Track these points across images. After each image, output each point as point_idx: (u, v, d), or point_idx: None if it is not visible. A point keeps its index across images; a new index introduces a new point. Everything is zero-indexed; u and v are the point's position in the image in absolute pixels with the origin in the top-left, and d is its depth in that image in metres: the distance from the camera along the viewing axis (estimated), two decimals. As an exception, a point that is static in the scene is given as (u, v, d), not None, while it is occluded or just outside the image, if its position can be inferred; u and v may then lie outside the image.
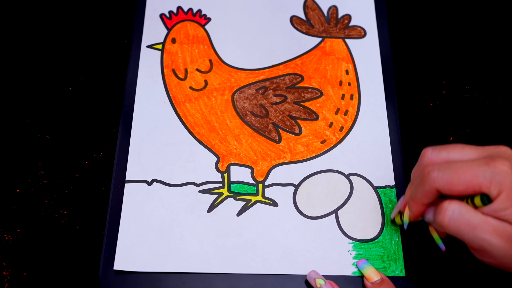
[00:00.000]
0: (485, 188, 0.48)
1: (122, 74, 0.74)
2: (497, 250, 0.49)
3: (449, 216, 0.50)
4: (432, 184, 0.51)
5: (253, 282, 0.61)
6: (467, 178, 0.49)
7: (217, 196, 0.65)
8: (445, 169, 0.50)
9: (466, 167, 0.50)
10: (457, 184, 0.49)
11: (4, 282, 0.62)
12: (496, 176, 0.48)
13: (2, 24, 0.78)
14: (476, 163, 0.50)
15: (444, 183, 0.50)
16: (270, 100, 0.70)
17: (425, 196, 0.52)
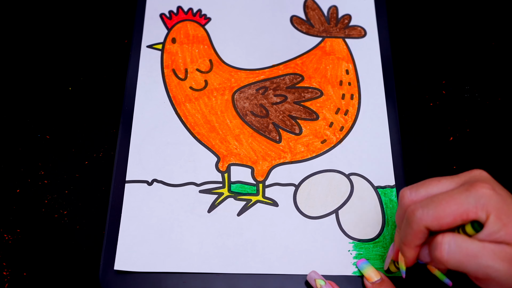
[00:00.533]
0: (473, 214, 0.48)
1: (122, 74, 0.74)
2: (502, 275, 0.48)
3: (446, 250, 0.49)
4: (419, 223, 0.50)
5: (253, 282, 0.61)
6: (452, 208, 0.49)
7: (217, 196, 0.65)
8: (428, 205, 0.50)
9: (449, 198, 0.49)
10: (444, 217, 0.49)
11: (4, 282, 0.62)
12: (480, 199, 0.48)
13: (2, 24, 0.78)
14: (457, 192, 0.49)
15: (431, 219, 0.49)
16: (270, 100, 0.71)
17: (416, 237, 0.51)
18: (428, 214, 0.49)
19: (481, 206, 0.48)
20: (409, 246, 0.52)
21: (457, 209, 0.48)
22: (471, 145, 0.70)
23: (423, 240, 0.51)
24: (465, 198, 0.48)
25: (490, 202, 0.48)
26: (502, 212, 0.48)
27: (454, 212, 0.48)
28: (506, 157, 0.69)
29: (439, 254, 0.49)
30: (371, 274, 0.60)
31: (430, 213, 0.49)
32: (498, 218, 0.47)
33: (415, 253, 0.53)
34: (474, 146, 0.70)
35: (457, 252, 0.48)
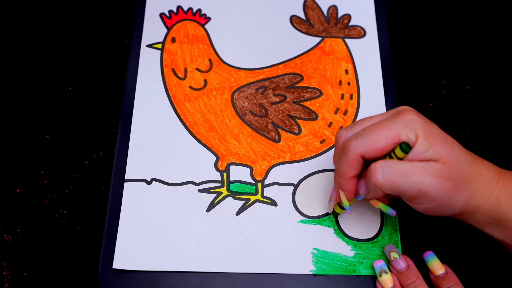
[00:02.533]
0: (404, 137, 0.52)
1: (122, 74, 0.74)
2: (432, 188, 0.51)
3: (380, 173, 0.52)
4: (354, 151, 0.53)
5: (252, 281, 0.61)
6: (384, 133, 0.52)
7: (216, 195, 0.65)
8: (362, 135, 0.53)
9: (380, 125, 0.53)
10: (377, 142, 0.52)
11: (4, 282, 0.62)
12: (408, 123, 0.52)
13: (2, 24, 0.78)
14: (387, 120, 0.54)
15: (366, 146, 0.53)
16: (270, 99, 0.71)
17: (351, 166, 0.54)
18: (362, 142, 0.53)
19: (410, 129, 0.52)
20: (346, 178, 0.55)
21: (388, 134, 0.52)
22: (471, 145, 0.70)
23: (358, 170, 0.55)
24: (395, 124, 0.53)
25: (417, 125, 0.52)
26: (428, 133, 0.52)
27: (386, 136, 0.52)
28: (506, 157, 0.69)
29: (374, 178, 0.52)
30: (435, 267, 0.60)
31: (364, 141, 0.53)
32: (425, 139, 0.52)
33: (352, 185, 0.56)
34: (474, 146, 0.70)
35: (390, 174, 0.52)
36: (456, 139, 0.69)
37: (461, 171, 0.53)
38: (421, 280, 0.59)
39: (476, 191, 0.53)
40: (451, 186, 0.52)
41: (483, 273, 0.63)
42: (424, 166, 0.52)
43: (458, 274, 0.62)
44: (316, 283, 0.61)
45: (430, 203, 0.53)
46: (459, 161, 0.53)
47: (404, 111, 0.54)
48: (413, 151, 0.52)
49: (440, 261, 0.61)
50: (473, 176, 0.54)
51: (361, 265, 0.61)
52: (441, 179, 0.51)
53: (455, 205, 0.53)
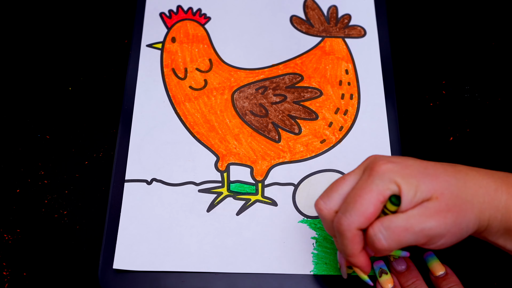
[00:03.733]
0: (387, 192, 0.50)
1: (122, 74, 0.74)
2: (437, 228, 0.49)
3: (382, 239, 0.50)
4: (350, 229, 0.51)
5: (252, 282, 0.61)
6: (368, 198, 0.50)
7: (216, 195, 0.65)
8: (347, 208, 0.51)
9: (360, 191, 0.51)
10: (366, 210, 0.50)
11: (4, 282, 0.62)
12: (384, 176, 0.50)
13: (2, 24, 0.78)
14: (363, 182, 0.51)
15: (358, 219, 0.50)
16: (270, 99, 0.71)
17: (355, 243, 0.52)
18: (352, 216, 0.50)
19: (388, 182, 0.50)
20: (355, 256, 0.53)
21: (372, 197, 0.50)
22: (471, 145, 0.70)
23: (362, 242, 0.52)
24: (372, 183, 0.50)
25: (393, 174, 0.50)
26: (408, 176, 0.50)
27: (371, 200, 0.50)
28: (506, 157, 0.69)
29: (379, 245, 0.50)
30: (436, 267, 0.60)
31: (353, 214, 0.50)
32: (408, 183, 0.49)
33: (364, 258, 0.53)
34: (474, 146, 0.70)
35: (391, 235, 0.49)
36: (456, 139, 0.70)
37: (458, 195, 0.50)
38: (421, 281, 0.59)
39: (482, 204, 0.51)
40: (455, 215, 0.49)
41: (483, 273, 0.63)
42: (419, 212, 0.49)
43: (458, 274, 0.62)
44: (316, 283, 0.61)
45: (442, 239, 0.50)
46: (450, 187, 0.50)
47: (375, 164, 0.51)
48: (402, 201, 0.50)
49: (441, 262, 0.60)
50: (473, 192, 0.51)
51: (362, 265, 0.61)
52: (442, 214, 0.49)
53: (467, 228, 0.50)
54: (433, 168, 0.52)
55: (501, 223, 0.51)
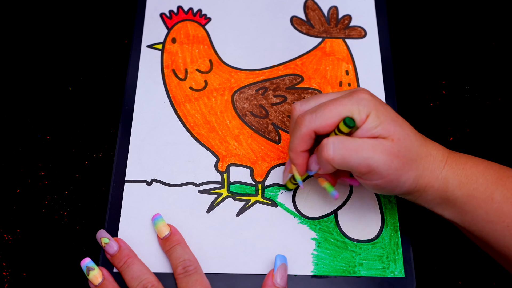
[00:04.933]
0: (356, 114, 0.53)
1: (122, 74, 0.74)
2: (381, 164, 0.53)
3: (331, 149, 0.53)
4: (308, 125, 0.55)
5: (252, 282, 0.61)
6: (338, 109, 0.54)
7: (216, 196, 0.65)
8: (317, 110, 0.55)
9: (335, 102, 0.55)
10: (330, 117, 0.54)
11: (4, 282, 0.62)
12: (361, 101, 0.54)
13: (2, 24, 0.78)
14: (342, 97, 0.55)
15: (319, 121, 0.54)
16: (270, 100, 0.70)
17: (303, 140, 0.56)
18: (316, 117, 0.54)
19: (362, 106, 0.54)
20: (297, 152, 0.57)
21: (341, 110, 0.54)
22: (471, 145, 0.70)
23: (310, 145, 0.56)
24: (349, 101, 0.54)
25: (370, 103, 0.54)
26: (380, 111, 0.54)
27: (339, 112, 0.54)
28: (506, 157, 0.69)
29: (326, 153, 0.53)
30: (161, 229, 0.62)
31: (318, 116, 0.54)
32: (376, 116, 0.54)
33: (303, 159, 0.57)
34: (474, 146, 0.70)
35: (341, 149, 0.53)
36: (456, 139, 0.70)
37: (410, 150, 0.54)
38: (133, 258, 0.60)
39: (425, 170, 0.55)
40: (400, 163, 0.53)
41: (483, 273, 0.63)
42: (373, 143, 0.53)
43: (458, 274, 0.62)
44: (316, 284, 0.61)
45: (379, 180, 0.54)
46: (408, 139, 0.54)
47: (359, 90, 0.56)
48: (363, 127, 0.53)
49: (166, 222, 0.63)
50: (422, 155, 0.55)
51: (361, 266, 0.61)
52: (390, 156, 0.53)
53: (403, 183, 0.54)
54: (402, 120, 0.56)
55: (437, 192, 0.55)
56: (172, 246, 0.61)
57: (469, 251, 0.63)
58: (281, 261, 0.60)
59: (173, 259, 0.60)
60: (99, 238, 0.61)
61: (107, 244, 0.61)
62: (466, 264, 0.64)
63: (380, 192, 0.56)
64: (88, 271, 0.60)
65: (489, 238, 0.55)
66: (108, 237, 0.61)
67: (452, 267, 0.63)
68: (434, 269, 0.63)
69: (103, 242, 0.61)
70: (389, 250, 0.62)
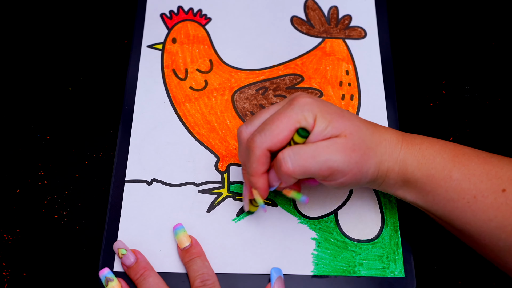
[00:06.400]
0: (303, 121, 0.53)
1: (122, 74, 0.74)
2: (341, 163, 0.53)
3: (289, 162, 0.53)
4: (260, 146, 0.54)
5: (252, 282, 0.61)
6: (284, 122, 0.53)
7: (216, 196, 0.65)
8: (264, 129, 0.54)
9: (279, 116, 0.54)
10: (279, 133, 0.53)
11: (4, 282, 0.62)
12: (304, 107, 0.54)
13: (2, 24, 0.78)
14: (284, 109, 0.55)
15: (270, 139, 0.53)
16: (270, 100, 0.71)
17: (260, 162, 0.55)
18: (266, 136, 0.54)
19: (307, 112, 0.53)
20: (256, 175, 0.56)
21: (288, 121, 0.53)
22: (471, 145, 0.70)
23: (267, 165, 0.55)
24: (292, 110, 0.54)
25: (313, 106, 0.54)
26: (325, 111, 0.54)
27: (287, 125, 0.53)
28: (506, 158, 0.69)
29: (285, 167, 0.53)
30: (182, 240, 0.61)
31: (267, 134, 0.53)
32: (323, 117, 0.53)
33: (264, 181, 0.56)
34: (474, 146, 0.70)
35: (298, 160, 0.53)
36: (456, 139, 0.70)
37: (364, 140, 0.54)
38: (149, 271, 0.60)
39: (383, 155, 0.55)
40: (358, 155, 0.53)
41: (483, 273, 0.63)
42: (328, 144, 0.53)
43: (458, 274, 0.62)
44: (316, 284, 0.61)
45: (343, 177, 0.54)
46: (360, 131, 0.54)
47: (298, 96, 0.55)
48: (314, 132, 0.53)
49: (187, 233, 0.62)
50: (377, 142, 0.55)
51: (361, 266, 0.61)
52: (347, 152, 0.53)
53: (366, 173, 0.55)
54: (348, 113, 0.56)
55: (398, 175, 0.56)
56: (192, 258, 0.60)
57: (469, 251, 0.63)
58: (277, 274, 0.60)
59: (192, 271, 0.60)
60: (116, 249, 0.61)
61: (124, 255, 0.60)
62: (466, 264, 0.64)
63: (346, 188, 0.57)
64: (107, 282, 0.59)
65: (450, 217, 0.55)
66: (126, 248, 0.61)
67: (452, 267, 0.63)
68: (434, 269, 0.63)
69: (120, 253, 0.60)
70: (389, 250, 0.62)
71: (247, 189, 0.60)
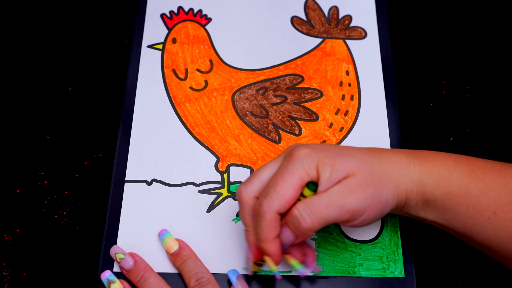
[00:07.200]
0: (306, 176, 0.52)
1: (122, 74, 0.74)
2: (358, 202, 0.51)
3: (307, 218, 0.51)
4: (269, 211, 0.52)
5: (252, 282, 0.60)
6: (288, 182, 0.52)
7: (216, 196, 0.65)
8: (268, 192, 0.52)
9: (280, 175, 0.52)
10: (286, 193, 0.52)
11: (4, 282, 0.62)
12: (304, 160, 0.52)
13: (2, 24, 0.78)
14: (283, 167, 0.53)
15: (278, 202, 0.52)
16: (270, 100, 0.70)
17: (271, 227, 0.53)
18: (272, 199, 0.52)
19: (307, 165, 0.52)
20: (269, 241, 0.53)
21: (292, 180, 0.52)
22: (471, 145, 0.70)
23: (278, 228, 0.53)
24: (292, 167, 0.52)
25: (311, 156, 0.52)
26: (325, 157, 0.52)
27: (291, 184, 0.52)
28: (506, 157, 0.69)
29: (304, 223, 0.51)
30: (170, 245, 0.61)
31: (274, 197, 0.52)
32: (325, 164, 0.52)
33: (277, 246, 0.54)
34: (474, 146, 0.70)
35: (315, 213, 0.51)
36: (456, 139, 0.70)
37: (374, 171, 0.53)
38: (149, 272, 0.60)
39: (399, 178, 0.54)
40: (373, 188, 0.52)
41: (483, 273, 0.63)
42: (339, 189, 0.52)
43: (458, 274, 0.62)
44: (316, 284, 0.61)
45: (363, 214, 0.52)
46: (366, 164, 0.53)
47: (294, 149, 0.54)
48: (321, 181, 0.52)
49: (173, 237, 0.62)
50: (387, 168, 0.54)
51: (361, 267, 0.61)
52: (361, 189, 0.52)
53: (386, 202, 0.53)
54: (348, 149, 0.55)
55: (418, 195, 0.54)
56: (183, 261, 0.60)
57: (469, 251, 0.63)
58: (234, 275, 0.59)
59: (186, 273, 0.59)
60: (113, 254, 0.61)
61: (122, 259, 0.60)
62: (466, 264, 0.64)
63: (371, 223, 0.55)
64: (109, 284, 0.59)
65: (472, 233, 0.54)
66: (123, 252, 0.61)
67: (452, 267, 0.63)
68: (434, 270, 0.63)
69: (118, 257, 0.60)
70: (389, 251, 0.62)
71: (250, 252, 0.58)
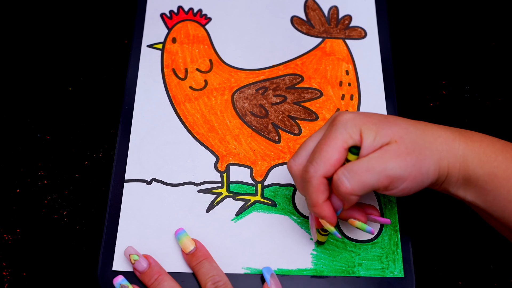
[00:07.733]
0: (350, 140, 0.53)
1: (122, 74, 0.74)
2: (398, 169, 0.51)
3: (346, 181, 0.52)
4: (315, 175, 0.53)
5: (251, 282, 0.61)
6: (332, 146, 0.53)
7: (216, 196, 0.65)
8: (314, 157, 0.53)
9: (325, 140, 0.53)
10: (331, 157, 0.52)
11: (4, 282, 0.62)
12: (347, 124, 0.53)
13: (2, 24, 0.78)
14: (327, 132, 0.54)
15: (324, 166, 0.53)
16: (270, 100, 0.71)
17: (319, 191, 0.54)
18: (318, 164, 0.53)
19: (351, 129, 0.53)
20: (319, 205, 0.54)
21: (336, 144, 0.53)
22: (471, 146, 0.70)
23: (327, 192, 0.54)
24: (335, 131, 0.53)
25: (355, 121, 0.53)
26: (369, 123, 0.53)
27: (335, 147, 0.53)
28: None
29: (343, 188, 0.52)
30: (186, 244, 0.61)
31: (319, 161, 0.53)
32: (369, 129, 0.53)
33: (329, 208, 0.55)
34: (474, 147, 0.70)
35: (354, 177, 0.52)
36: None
37: (416, 140, 0.53)
38: (164, 275, 0.60)
39: (442, 152, 0.53)
40: (414, 157, 0.52)
41: (483, 273, 0.63)
42: (380, 154, 0.52)
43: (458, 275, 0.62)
44: (315, 284, 0.61)
45: (404, 183, 0.52)
46: (409, 133, 0.53)
47: (338, 115, 0.55)
48: (363, 145, 0.52)
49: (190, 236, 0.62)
50: (431, 140, 0.54)
51: (361, 267, 0.61)
52: (402, 156, 0.52)
53: (427, 173, 0.53)
54: (393, 118, 0.55)
55: (460, 172, 0.54)
56: (199, 262, 0.60)
57: (469, 251, 0.63)
58: (268, 272, 0.60)
59: (202, 275, 0.59)
60: (127, 255, 0.61)
61: (136, 261, 0.60)
62: (466, 264, 0.64)
63: (410, 193, 0.54)
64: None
65: (510, 218, 0.53)
66: (137, 253, 0.61)
67: (452, 267, 0.63)
68: (434, 269, 0.63)
69: (132, 259, 0.60)
70: (389, 250, 0.62)
71: (312, 219, 0.59)
